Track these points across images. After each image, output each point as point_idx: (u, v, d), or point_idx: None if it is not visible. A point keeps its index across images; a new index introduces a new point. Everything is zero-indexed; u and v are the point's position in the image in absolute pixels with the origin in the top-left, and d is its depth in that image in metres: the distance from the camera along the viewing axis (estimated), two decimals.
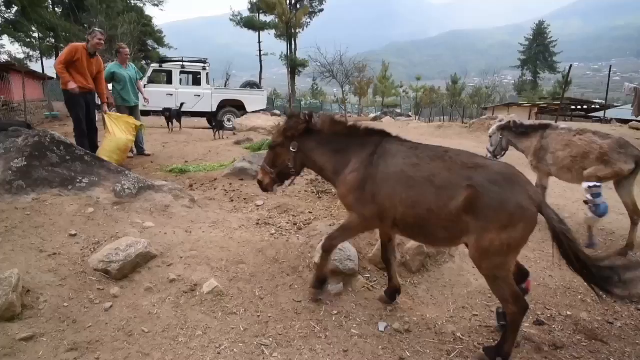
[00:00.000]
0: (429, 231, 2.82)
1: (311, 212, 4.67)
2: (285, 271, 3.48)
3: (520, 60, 70.27)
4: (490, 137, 6.40)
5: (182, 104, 11.86)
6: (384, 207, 2.87)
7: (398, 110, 40.90)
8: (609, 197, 4.87)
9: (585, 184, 4.73)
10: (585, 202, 4.73)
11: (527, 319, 3.29)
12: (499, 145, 6.16)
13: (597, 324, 3.25)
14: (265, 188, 3.40)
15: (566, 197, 7.13)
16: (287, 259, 3.61)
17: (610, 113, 23.43)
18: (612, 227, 5.43)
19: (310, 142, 3.21)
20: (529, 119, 25.21)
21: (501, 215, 2.49)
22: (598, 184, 4.65)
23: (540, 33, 69.22)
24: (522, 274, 2.93)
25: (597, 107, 27.65)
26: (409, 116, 35.65)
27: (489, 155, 6.20)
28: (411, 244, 3.98)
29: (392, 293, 3.32)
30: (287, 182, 3.53)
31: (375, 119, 26.46)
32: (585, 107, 29.54)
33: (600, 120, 21.26)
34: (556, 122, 14.25)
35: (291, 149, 3.20)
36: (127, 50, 7.79)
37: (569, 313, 3.40)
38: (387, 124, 22.94)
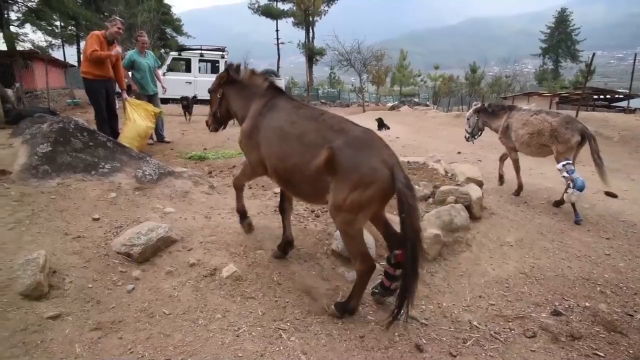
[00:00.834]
0: (296, 185, 3.07)
1: None
2: (303, 257, 3.52)
3: (541, 48, 68.83)
4: (468, 119, 7.17)
5: (194, 96, 11.80)
6: (264, 157, 3.21)
7: (416, 100, 40.53)
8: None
9: (558, 165, 5.44)
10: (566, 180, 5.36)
11: (544, 309, 3.29)
12: (476, 126, 6.99)
13: (616, 316, 3.22)
14: (209, 129, 3.96)
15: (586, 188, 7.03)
16: (305, 245, 3.65)
17: (634, 103, 22.89)
18: (633, 218, 5.36)
19: (230, 90, 3.67)
20: (550, 108, 24.78)
21: (354, 175, 2.68)
22: (569, 161, 5.34)
23: (562, 21, 67.61)
24: (397, 241, 3.00)
25: (621, 96, 26.99)
26: (427, 105, 35.31)
27: (467, 135, 7.14)
28: (428, 232, 3.99)
29: (285, 246, 3.50)
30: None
31: (392, 108, 26.26)
32: (608, 96, 28.87)
33: (624, 110, 20.79)
34: (577, 113, 14.06)
35: (217, 95, 3.72)
36: (146, 38, 7.81)
37: (587, 304, 3.38)
38: (405, 114, 22.77)
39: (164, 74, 13.28)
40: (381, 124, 14.13)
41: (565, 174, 5.33)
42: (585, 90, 17.85)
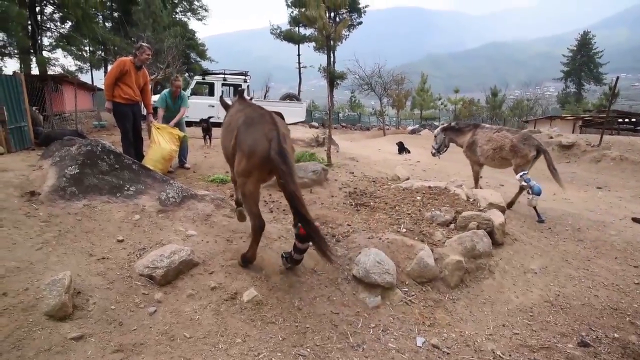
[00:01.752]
0: (232, 164, 3.72)
1: (349, 225, 4.68)
2: (323, 282, 3.51)
3: (563, 72, 68.19)
4: (435, 136, 8.15)
5: (209, 117, 11.78)
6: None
7: (436, 123, 40.35)
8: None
9: (517, 176, 6.51)
10: (523, 188, 6.50)
11: (570, 339, 3.20)
12: (443, 142, 7.99)
13: None
14: None
15: (612, 214, 6.88)
16: (326, 270, 3.64)
17: None
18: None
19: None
20: (573, 132, 24.43)
21: (243, 147, 3.38)
22: (525, 172, 6.42)
23: (584, 44, 66.95)
24: (300, 220, 3.25)
25: None
26: None
27: (433, 150, 8.11)
28: (449, 259, 3.94)
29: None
30: None
31: (413, 131, 26.21)
32: (633, 119, 28.33)
33: None
34: (602, 137, 13.85)
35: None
36: (180, 82, 7.94)
37: (616, 335, 3.28)
38: (426, 137, 22.71)
39: (188, 97, 13.56)
40: (402, 148, 14.12)
41: (523, 182, 6.35)
42: (609, 113, 17.56)
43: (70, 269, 3.09)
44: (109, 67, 35.24)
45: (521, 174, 6.41)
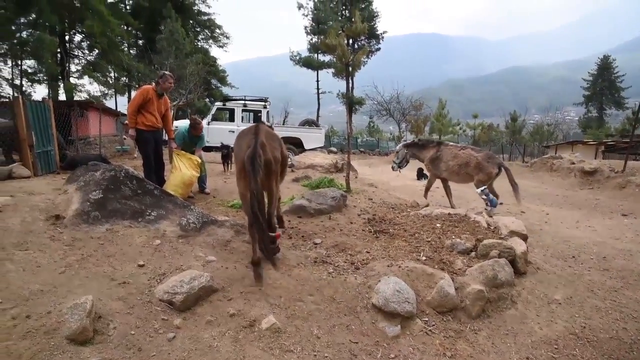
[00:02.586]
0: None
1: (368, 252, 4.65)
2: (342, 311, 3.47)
3: (584, 96, 67.54)
4: (397, 152, 8.80)
5: (222, 144, 11.68)
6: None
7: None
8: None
9: (477, 190, 7.42)
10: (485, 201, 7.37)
11: None
12: (404, 158, 8.63)
13: None
14: None
15: (612, 247, 6.70)
16: (345, 298, 3.61)
17: None
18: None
19: None
20: (595, 157, 24.04)
21: (235, 156, 4.32)
22: (485, 187, 7.30)
23: (605, 68, 66.25)
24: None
25: None
26: None
27: (394, 165, 8.72)
28: (470, 288, 3.88)
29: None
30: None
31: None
32: None
33: None
34: (626, 162, 13.60)
35: None
36: (202, 125, 8.11)
37: None
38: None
39: (208, 123, 13.82)
40: (420, 174, 14.06)
41: (484, 196, 7.29)
42: (633, 138, 17.27)
43: (92, 293, 3.12)
44: (132, 93, 36.40)
45: (482, 188, 7.33)
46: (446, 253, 4.69)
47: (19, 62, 35.23)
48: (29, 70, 35.99)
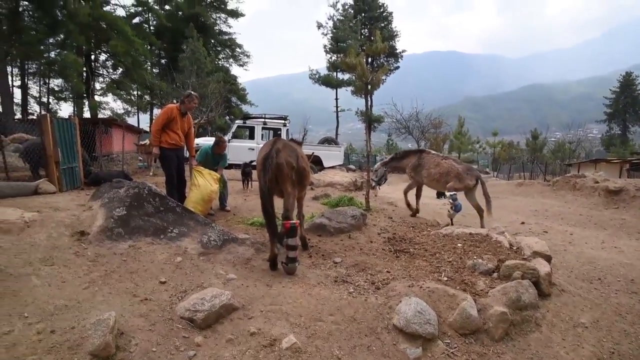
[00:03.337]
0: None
1: (389, 272, 4.61)
2: (363, 331, 3.43)
3: (606, 113, 66.49)
4: (376, 170, 9.17)
5: (251, 161, 11.74)
6: None
7: (475, 166, 39.69)
8: None
9: (448, 194, 7.69)
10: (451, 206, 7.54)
11: None
12: (383, 176, 9.05)
13: None
14: None
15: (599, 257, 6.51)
16: (365, 319, 3.57)
17: None
18: None
19: None
20: (620, 176, 23.53)
21: (257, 164, 4.92)
22: (454, 193, 7.59)
23: (628, 84, 65.09)
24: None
25: None
26: (487, 172, 34.54)
27: (373, 183, 9.01)
28: (493, 310, 3.81)
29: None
30: None
31: None
32: None
33: None
34: None
35: None
36: (225, 145, 8.20)
37: None
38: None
39: (228, 141, 13.97)
40: (440, 192, 13.93)
41: (451, 200, 7.52)
42: None
43: (115, 309, 3.16)
44: (155, 111, 37.15)
45: (452, 193, 7.63)
46: (468, 274, 4.62)
47: (47, 81, 36.45)
48: (56, 89, 37.30)
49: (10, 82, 30.60)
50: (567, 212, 11.42)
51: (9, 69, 30.89)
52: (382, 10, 49.95)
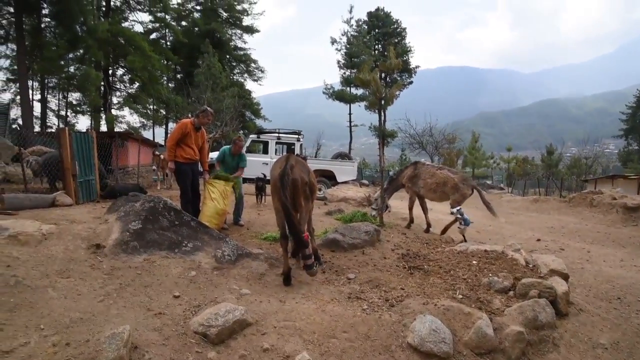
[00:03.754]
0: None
1: (403, 289, 4.57)
2: (377, 349, 3.39)
3: (622, 129, 65.61)
4: (375, 200, 9.09)
5: (265, 176, 11.75)
6: None
7: (489, 182, 39.36)
8: None
9: (453, 209, 7.82)
10: (456, 220, 7.81)
11: None
12: (384, 205, 8.76)
13: None
14: None
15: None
16: (379, 336, 3.53)
17: None
18: None
19: None
20: (638, 192, 23.12)
21: (270, 179, 5.06)
22: (459, 208, 7.74)
23: None
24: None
25: None
26: (502, 188, 34.21)
27: (373, 213, 8.72)
28: (510, 329, 3.74)
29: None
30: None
31: None
32: None
33: None
34: None
35: None
36: (243, 142, 8.24)
37: None
38: (478, 197, 22.21)
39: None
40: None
41: (458, 215, 7.64)
42: None
43: (129, 322, 3.16)
44: (170, 124, 37.63)
45: (457, 208, 7.75)
46: (483, 291, 4.56)
47: (66, 95, 37.24)
48: (74, 102, 38.06)
49: (30, 96, 31.27)
50: (584, 229, 11.24)
51: (30, 83, 31.62)
52: (395, 26, 50.35)
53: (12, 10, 28.83)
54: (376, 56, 47.10)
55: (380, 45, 50.51)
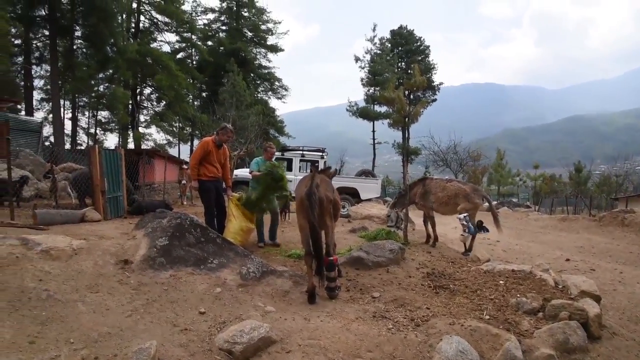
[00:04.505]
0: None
1: (428, 308, 4.50)
2: None
3: None
4: (389, 216, 9.18)
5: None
6: None
7: (515, 200, 38.68)
8: None
9: (459, 216, 7.86)
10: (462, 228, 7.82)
11: None
12: (398, 217, 8.82)
13: None
14: None
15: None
16: (405, 356, 3.48)
17: None
18: None
19: None
20: None
21: (296, 197, 5.09)
22: (467, 215, 7.79)
23: None
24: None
25: None
26: (528, 206, 33.56)
27: (393, 228, 8.57)
28: (539, 352, 3.65)
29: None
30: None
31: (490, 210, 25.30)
32: None
33: None
34: None
35: None
36: (274, 149, 8.24)
37: None
38: (505, 215, 21.88)
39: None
40: (480, 227, 13.60)
41: (464, 222, 7.71)
42: None
43: (156, 338, 3.20)
44: (195, 142, 38.33)
45: (464, 215, 7.80)
46: (511, 312, 4.46)
47: (95, 113, 38.41)
48: (103, 120, 39.18)
49: (62, 115, 32.37)
50: (616, 249, 10.91)
51: (61, 102, 32.77)
52: (419, 43, 50.49)
53: (47, 33, 30.13)
54: (399, 74, 47.23)
55: (403, 63, 50.68)
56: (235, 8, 43.16)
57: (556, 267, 7.56)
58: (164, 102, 38.38)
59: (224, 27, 44.72)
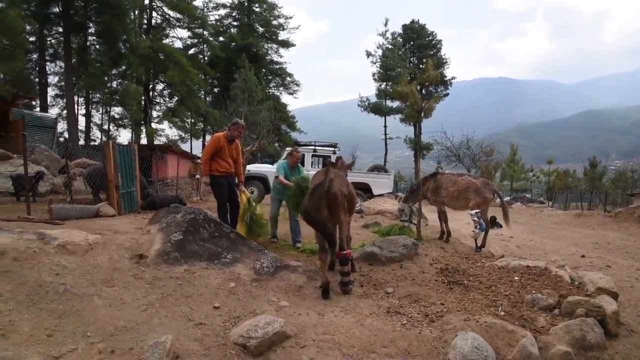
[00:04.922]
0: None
1: (443, 304, 4.47)
2: None
3: None
4: (402, 210, 8.97)
5: None
6: None
7: (528, 196, 38.26)
8: None
9: (471, 212, 7.75)
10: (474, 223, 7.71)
11: None
12: (411, 212, 8.77)
13: None
14: None
15: None
16: (420, 352, 3.46)
17: None
18: None
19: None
20: None
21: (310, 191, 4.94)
22: (478, 211, 7.65)
23: None
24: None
25: None
26: (542, 202, 33.17)
27: (406, 224, 8.62)
28: (556, 349, 3.61)
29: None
30: None
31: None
32: None
33: None
34: None
35: None
36: (300, 154, 8.13)
37: None
38: (518, 211, 21.67)
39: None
40: (493, 222, 13.50)
41: (475, 218, 7.60)
42: None
43: (171, 332, 3.22)
44: (207, 137, 38.48)
45: (476, 211, 7.68)
46: (526, 309, 4.42)
47: (108, 109, 38.74)
48: (116, 116, 39.53)
49: (76, 111, 32.69)
50: (633, 246, 10.74)
51: (75, 98, 33.09)
52: (431, 38, 49.99)
53: (60, 30, 30.43)
54: (411, 68, 46.86)
55: (415, 58, 50.23)
56: (246, 3, 43.03)
57: (571, 264, 7.47)
58: (176, 98, 38.50)
59: (235, 23, 44.64)
